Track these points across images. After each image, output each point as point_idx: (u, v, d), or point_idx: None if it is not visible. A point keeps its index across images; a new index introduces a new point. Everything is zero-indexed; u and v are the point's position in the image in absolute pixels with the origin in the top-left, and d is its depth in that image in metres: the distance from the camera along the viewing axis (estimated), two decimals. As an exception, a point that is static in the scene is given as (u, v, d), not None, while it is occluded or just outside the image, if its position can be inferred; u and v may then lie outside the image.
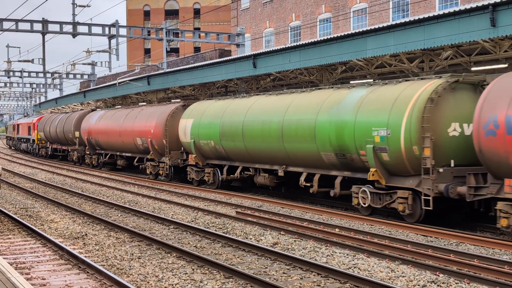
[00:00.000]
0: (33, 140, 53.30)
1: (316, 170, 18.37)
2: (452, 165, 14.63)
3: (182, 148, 26.44)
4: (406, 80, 16.17)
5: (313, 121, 17.85)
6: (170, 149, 26.88)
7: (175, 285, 9.69)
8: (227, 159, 23.03)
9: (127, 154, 32.52)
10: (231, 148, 22.15)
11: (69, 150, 42.71)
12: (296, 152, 18.79)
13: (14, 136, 65.71)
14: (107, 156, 35.73)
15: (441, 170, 14.36)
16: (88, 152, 38.36)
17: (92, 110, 40.64)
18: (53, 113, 54.27)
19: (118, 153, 33.74)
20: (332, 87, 18.81)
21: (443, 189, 14.11)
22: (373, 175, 15.67)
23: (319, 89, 19.39)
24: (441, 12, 16.09)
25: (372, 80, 21.84)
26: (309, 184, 18.50)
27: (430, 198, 14.28)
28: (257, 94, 22.47)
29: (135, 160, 31.09)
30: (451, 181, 14.33)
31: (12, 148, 70.39)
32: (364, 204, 16.18)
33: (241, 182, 23.64)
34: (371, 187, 16.09)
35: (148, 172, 29.29)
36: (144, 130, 28.74)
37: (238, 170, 22.21)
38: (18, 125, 62.48)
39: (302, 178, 18.71)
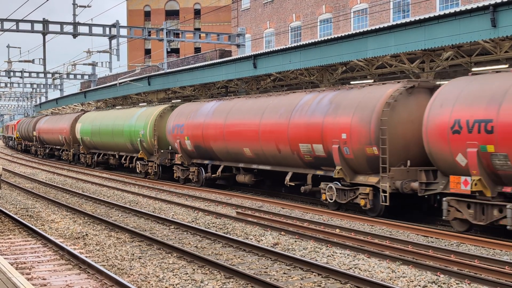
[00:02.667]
0: (14, 138, 69.44)
1: (128, 153, 32.32)
2: (170, 148, 28.04)
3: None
4: (157, 105, 30.61)
5: (122, 125, 31.75)
6: (74, 142, 41.18)
7: (176, 285, 9.69)
8: (96, 148, 37.11)
9: (57, 147, 46.57)
10: (96, 141, 36.15)
11: (30, 145, 57.26)
12: (119, 143, 32.65)
13: (6, 135, 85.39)
14: (49, 149, 49.58)
15: (162, 151, 28.21)
16: (39, 146, 52.25)
17: (46, 116, 54.08)
18: (27, 117, 70.86)
19: (53, 146, 47.80)
20: (135, 106, 33.93)
21: (160, 161, 28.22)
22: (140, 154, 29.80)
23: (133, 107, 33.89)
24: (441, 13, 16.08)
25: (372, 80, 21.84)
26: (125, 162, 32.31)
27: (156, 164, 28.61)
28: (110, 108, 36.70)
29: (60, 151, 45.63)
30: (166, 156, 28.08)
31: (7, 146, 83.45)
32: (140, 170, 30.15)
33: (107, 163, 36.75)
34: (143, 160, 30.02)
35: (63, 158, 44.16)
36: (62, 130, 43.01)
37: (101, 155, 36.55)
38: (8, 126, 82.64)
39: (122, 159, 32.77)
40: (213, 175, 23.90)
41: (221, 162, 23.43)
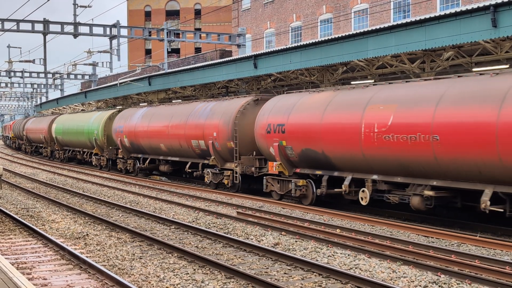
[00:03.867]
0: (10, 137, 77.92)
1: (88, 149, 38.53)
2: (116, 145, 33.60)
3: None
4: (108, 109, 36.50)
5: (83, 126, 37.83)
6: (51, 141, 47.85)
7: (177, 285, 9.69)
8: (67, 146, 43.88)
9: (40, 145, 53.30)
10: (67, 140, 42.88)
11: (21, 143, 65.08)
12: (81, 141, 38.93)
13: (5, 134, 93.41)
14: (34, 147, 56.53)
15: (110, 147, 34.32)
16: (27, 145, 59.12)
17: (33, 117, 61.04)
18: (27, 117, 78.22)
19: (38, 144, 54.66)
20: (94, 110, 41.36)
21: (109, 156, 34.41)
22: (95, 150, 35.85)
23: (94, 111, 40.54)
24: (442, 13, 16.07)
25: (373, 80, 21.82)
26: (87, 157, 38.65)
27: (106, 158, 35.47)
28: (78, 112, 44.75)
29: (42, 148, 52.06)
30: (113, 152, 34.11)
31: (6, 144, 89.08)
32: (95, 164, 36.95)
33: (76, 158, 42.88)
34: (97, 155, 36.41)
35: (44, 154, 51.00)
36: (42, 130, 50.17)
37: (70, 151, 43.36)
38: (6, 126, 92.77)
39: (84, 154, 39.33)
40: (143, 166, 30.59)
41: (149, 155, 30.21)
